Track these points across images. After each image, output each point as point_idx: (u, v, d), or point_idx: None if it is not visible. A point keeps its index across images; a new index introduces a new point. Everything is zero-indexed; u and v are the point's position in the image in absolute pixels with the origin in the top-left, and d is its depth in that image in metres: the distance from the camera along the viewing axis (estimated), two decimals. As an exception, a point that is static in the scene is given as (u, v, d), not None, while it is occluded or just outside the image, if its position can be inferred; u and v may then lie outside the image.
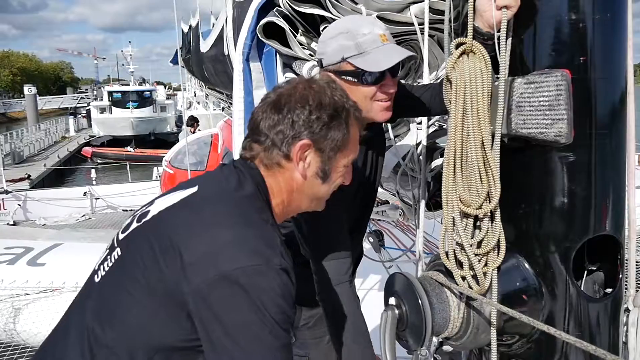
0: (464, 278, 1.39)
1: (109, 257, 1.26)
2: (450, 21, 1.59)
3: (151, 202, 1.32)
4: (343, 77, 1.67)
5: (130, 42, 59.45)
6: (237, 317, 1.05)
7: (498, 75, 1.36)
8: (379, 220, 4.49)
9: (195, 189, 1.25)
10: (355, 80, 1.66)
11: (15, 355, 4.37)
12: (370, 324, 1.68)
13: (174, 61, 10.52)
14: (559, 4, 1.32)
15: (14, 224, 12.00)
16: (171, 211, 1.22)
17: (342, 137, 1.28)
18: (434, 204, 2.28)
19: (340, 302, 1.66)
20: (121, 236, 1.28)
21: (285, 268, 1.11)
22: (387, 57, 1.62)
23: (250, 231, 1.15)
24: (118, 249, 1.25)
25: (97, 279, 1.25)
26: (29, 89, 44.34)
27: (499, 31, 1.31)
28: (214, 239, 1.12)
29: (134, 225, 1.26)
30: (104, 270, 1.24)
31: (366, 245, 4.01)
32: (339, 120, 1.27)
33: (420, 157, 2.18)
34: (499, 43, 1.31)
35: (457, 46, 1.36)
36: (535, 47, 1.36)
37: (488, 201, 1.34)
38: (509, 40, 1.35)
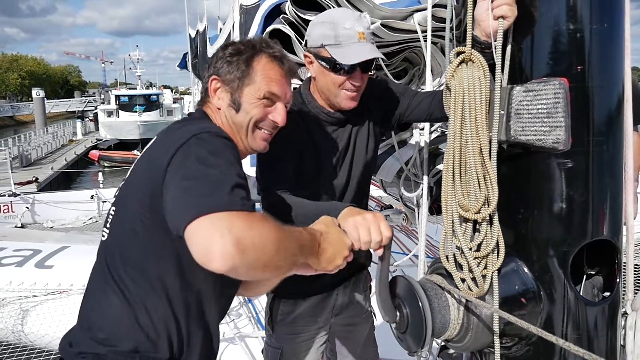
0: (463, 280, 1.41)
1: (108, 218, 1.51)
2: (452, 29, 1.63)
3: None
4: (319, 61, 1.86)
5: (137, 46, 59.89)
6: (192, 166, 1.25)
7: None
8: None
9: (155, 137, 1.54)
10: (328, 67, 1.84)
11: (24, 357, 4.40)
12: (389, 331, 1.68)
13: (181, 65, 10.59)
14: (557, 14, 1.35)
15: (22, 226, 12.09)
16: (143, 155, 1.49)
17: (243, 70, 1.54)
18: (437, 208, 2.31)
19: (275, 201, 1.79)
20: (113, 199, 1.53)
21: (225, 136, 1.37)
22: (357, 54, 1.79)
23: (202, 123, 1.49)
24: (113, 207, 1.50)
25: (103, 238, 1.50)
26: (37, 93, 44.62)
27: (496, 40, 1.34)
28: (178, 133, 1.38)
29: (121, 184, 1.53)
30: (107, 229, 1.50)
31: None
32: (240, 57, 1.55)
33: (423, 162, 2.21)
34: (496, 52, 1.35)
35: (457, 55, 1.39)
36: (534, 55, 1.39)
37: (486, 206, 1.37)
38: (508, 48, 1.39)
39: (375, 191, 4.17)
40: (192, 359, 1.48)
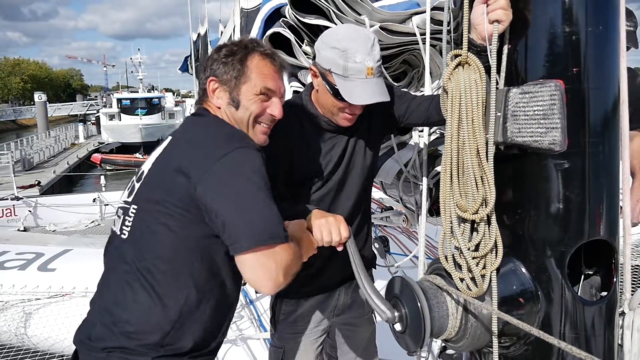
0: (462, 280, 1.43)
1: (126, 216, 1.57)
2: (450, 32, 1.65)
3: (140, 170, 1.65)
4: (324, 82, 1.85)
5: (139, 49, 59.92)
6: (232, 189, 1.38)
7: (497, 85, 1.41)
8: (385, 226, 4.54)
9: (169, 138, 1.63)
10: (332, 92, 1.84)
11: None
12: (388, 331, 1.70)
13: (183, 68, 10.62)
14: (552, 16, 1.37)
15: (25, 229, 12.12)
16: (160, 158, 1.58)
17: (239, 69, 1.62)
18: (436, 209, 2.32)
19: None
20: (130, 198, 1.59)
21: (256, 148, 1.47)
22: (362, 94, 1.79)
23: (225, 129, 1.57)
24: (133, 206, 1.56)
25: (124, 236, 1.55)
26: (39, 96, 44.66)
27: (491, 44, 1.36)
28: (193, 146, 1.50)
29: (137, 185, 1.59)
30: (127, 227, 1.55)
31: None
32: (234, 57, 1.63)
33: (422, 164, 2.23)
34: (491, 55, 1.36)
35: (453, 58, 1.41)
36: (530, 58, 1.41)
37: (484, 206, 1.38)
38: (504, 51, 1.41)
39: (376, 193, 4.19)
40: (211, 347, 1.61)
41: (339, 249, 1.69)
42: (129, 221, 1.55)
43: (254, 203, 1.37)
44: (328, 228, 1.66)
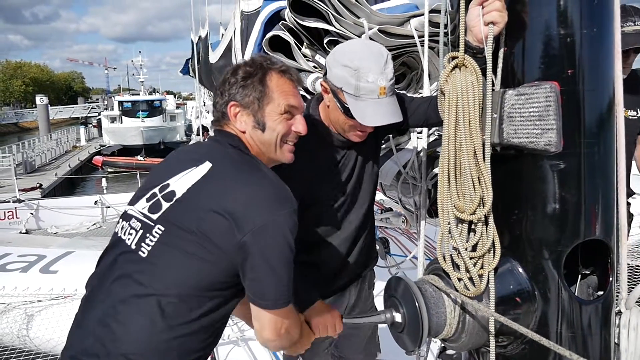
0: (460, 280, 1.44)
1: (147, 234, 1.51)
2: (447, 34, 1.66)
3: (160, 183, 1.59)
4: (335, 99, 1.82)
5: (140, 52, 60.05)
6: (276, 250, 1.43)
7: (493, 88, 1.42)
8: (385, 227, 4.55)
9: (208, 164, 1.55)
10: (343, 110, 1.81)
11: (29, 362, 4.44)
12: (387, 330, 1.72)
13: (184, 71, 10.66)
14: (548, 19, 1.38)
15: (27, 232, 12.17)
16: (200, 185, 1.51)
17: (261, 90, 1.60)
18: (435, 210, 2.33)
19: None
20: (154, 216, 1.53)
21: (295, 208, 1.48)
22: (375, 116, 1.76)
23: (269, 184, 1.52)
24: (158, 226, 1.50)
25: (142, 254, 1.49)
26: (40, 99, 44.75)
27: (487, 45, 1.38)
28: (249, 196, 1.45)
29: (165, 204, 1.53)
30: (148, 245, 1.49)
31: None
32: (253, 78, 1.60)
33: (421, 165, 2.25)
34: (488, 57, 1.38)
35: (450, 60, 1.42)
36: (525, 60, 1.42)
37: (481, 206, 1.40)
38: (500, 53, 1.42)
39: (376, 195, 4.20)
40: None
41: (334, 336, 1.92)
42: (152, 240, 1.50)
43: (286, 270, 1.45)
44: (325, 326, 1.86)
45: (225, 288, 1.50)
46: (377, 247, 3.72)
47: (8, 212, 12.77)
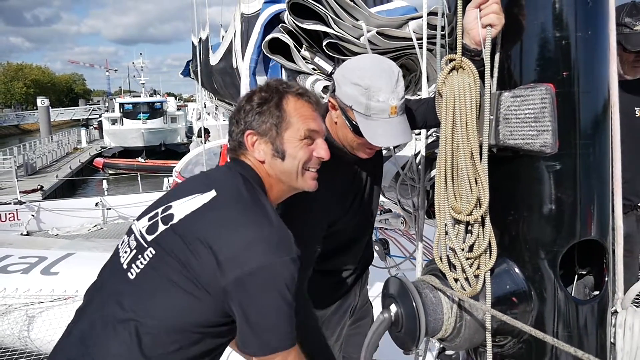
0: (456, 280, 1.46)
1: (139, 255, 1.45)
2: (444, 37, 1.68)
3: (165, 203, 1.52)
4: (344, 117, 1.79)
5: (141, 53, 60.11)
6: (268, 300, 1.33)
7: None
8: (386, 229, 4.56)
9: (213, 193, 1.45)
10: (352, 129, 1.79)
11: (30, 363, 4.45)
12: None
13: (185, 73, 10.67)
14: (544, 22, 1.40)
15: (28, 234, 12.20)
16: (198, 214, 1.42)
17: (278, 116, 1.52)
18: (434, 211, 2.35)
19: None
20: (149, 237, 1.46)
21: (296, 257, 1.37)
22: (384, 135, 1.73)
23: (268, 227, 1.39)
24: (150, 249, 1.43)
25: (130, 275, 1.43)
26: (41, 101, 44.84)
27: (485, 48, 1.39)
28: (243, 237, 1.35)
29: (161, 227, 1.45)
30: (137, 267, 1.43)
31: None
32: (269, 104, 1.53)
33: (419, 167, 2.26)
34: (485, 59, 1.39)
35: (448, 62, 1.44)
36: (521, 62, 1.44)
37: (478, 207, 1.41)
38: (497, 55, 1.44)
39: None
40: None
41: None
42: (142, 263, 1.43)
43: (275, 320, 1.35)
44: None
45: (213, 326, 1.40)
46: (377, 249, 3.75)
47: (9, 214, 12.81)
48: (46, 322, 4.72)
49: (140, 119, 39.44)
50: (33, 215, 12.87)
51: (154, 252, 1.42)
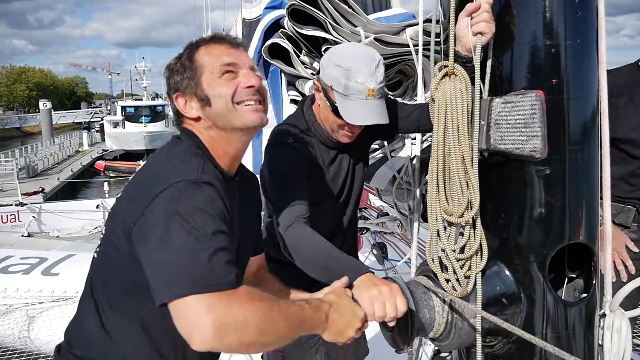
0: (448, 281, 1.49)
1: (101, 237, 1.53)
2: (438, 44, 1.72)
3: None
4: (325, 98, 1.88)
5: (143, 57, 60.23)
6: (163, 228, 1.19)
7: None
8: (384, 233, 4.59)
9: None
10: (332, 109, 1.88)
11: (30, 363, 4.48)
12: (377, 329, 1.75)
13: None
14: (534, 30, 1.43)
15: (29, 235, 12.23)
16: (134, 178, 1.49)
17: (190, 67, 1.47)
18: (429, 215, 2.38)
19: (296, 244, 1.73)
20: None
21: (199, 180, 1.28)
22: (361, 115, 1.81)
23: (174, 162, 1.39)
24: (104, 227, 1.51)
25: (95, 256, 1.51)
26: (44, 104, 44.97)
27: (476, 55, 1.43)
28: (158, 172, 1.36)
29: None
30: (99, 247, 1.51)
31: (371, 257, 4.13)
32: (181, 60, 1.49)
33: (415, 171, 2.30)
34: (476, 66, 1.43)
35: (440, 69, 1.48)
36: (512, 69, 1.48)
37: (469, 209, 1.45)
38: (488, 62, 1.48)
39: (376, 200, 4.25)
40: None
41: (391, 323, 1.43)
42: (101, 241, 1.51)
43: (179, 249, 1.16)
44: (382, 300, 1.39)
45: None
46: (375, 252, 3.78)
47: (10, 215, 12.85)
48: (46, 322, 4.75)
49: (142, 122, 39.52)
50: (34, 217, 12.91)
51: (105, 228, 1.49)
